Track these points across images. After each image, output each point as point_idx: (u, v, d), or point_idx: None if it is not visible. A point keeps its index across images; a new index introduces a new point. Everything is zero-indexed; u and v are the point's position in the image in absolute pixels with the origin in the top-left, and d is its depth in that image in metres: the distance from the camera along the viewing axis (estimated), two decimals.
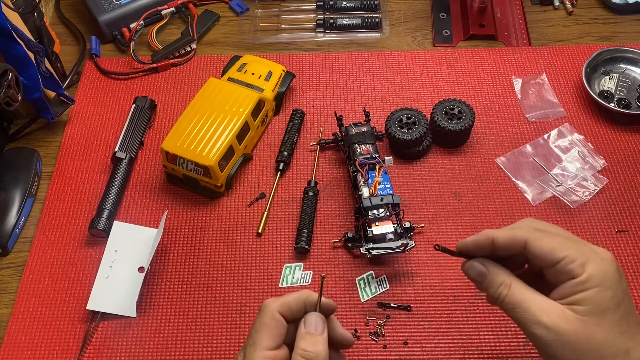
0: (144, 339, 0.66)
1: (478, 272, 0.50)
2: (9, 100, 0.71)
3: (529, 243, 0.48)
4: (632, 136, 0.81)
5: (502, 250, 0.49)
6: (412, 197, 0.76)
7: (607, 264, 0.46)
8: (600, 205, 0.74)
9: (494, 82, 0.87)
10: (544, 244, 0.47)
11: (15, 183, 0.75)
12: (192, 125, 0.74)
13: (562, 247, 0.46)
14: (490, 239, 0.49)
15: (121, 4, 0.92)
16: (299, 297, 0.49)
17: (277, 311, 0.48)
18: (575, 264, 0.45)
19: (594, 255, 0.46)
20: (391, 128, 0.77)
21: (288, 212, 0.75)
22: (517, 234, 0.48)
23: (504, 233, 0.49)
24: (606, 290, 0.45)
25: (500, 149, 0.80)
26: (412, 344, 0.65)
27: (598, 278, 0.45)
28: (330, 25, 0.93)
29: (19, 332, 0.67)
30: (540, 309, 0.46)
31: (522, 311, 0.46)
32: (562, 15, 0.96)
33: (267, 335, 0.47)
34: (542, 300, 0.46)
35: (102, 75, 0.89)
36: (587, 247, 0.47)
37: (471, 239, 0.51)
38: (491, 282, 0.49)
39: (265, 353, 0.46)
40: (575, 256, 0.46)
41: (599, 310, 0.44)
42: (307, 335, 0.47)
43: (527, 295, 0.47)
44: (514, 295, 0.47)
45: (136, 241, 0.72)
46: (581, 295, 0.45)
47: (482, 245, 0.50)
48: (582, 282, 0.45)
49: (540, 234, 0.48)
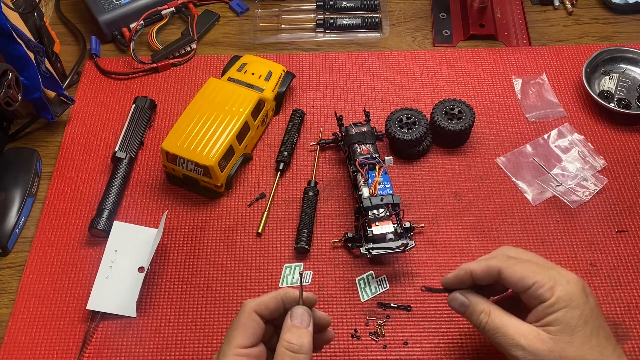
0: (144, 339, 0.66)
1: (460, 303, 0.55)
2: (9, 100, 0.71)
3: (502, 272, 0.52)
4: (632, 136, 0.81)
5: (480, 281, 0.54)
6: (412, 197, 0.76)
7: (572, 286, 0.50)
8: (600, 205, 0.74)
9: (494, 82, 0.87)
10: (515, 272, 0.52)
11: (15, 183, 0.75)
12: (192, 125, 0.74)
13: (532, 274, 0.51)
14: (469, 271, 0.54)
15: (121, 4, 0.92)
16: (276, 295, 0.51)
17: (254, 310, 0.50)
18: (544, 289, 0.50)
19: (560, 279, 0.51)
20: (391, 128, 0.77)
21: (288, 212, 0.75)
22: (491, 264, 0.53)
23: (480, 265, 0.54)
24: (573, 310, 0.49)
25: (500, 149, 0.80)
26: (412, 344, 0.65)
27: (565, 300, 0.49)
28: (330, 25, 0.93)
29: (19, 332, 0.67)
30: (517, 332, 0.50)
31: (502, 335, 0.51)
32: (562, 15, 0.96)
33: (241, 333, 0.49)
34: (519, 324, 0.51)
35: (102, 75, 0.89)
36: (555, 271, 0.52)
37: (452, 274, 0.56)
38: (473, 311, 0.54)
39: (238, 350, 0.49)
40: (544, 281, 0.50)
41: (568, 329, 0.49)
42: (292, 327, 0.50)
43: (505, 320, 0.52)
44: (493, 321, 0.52)
45: (136, 241, 0.72)
46: (552, 317, 0.50)
47: (463, 278, 0.55)
48: (551, 304, 0.50)
49: (512, 262, 0.53)
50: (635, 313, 0.66)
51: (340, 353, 0.65)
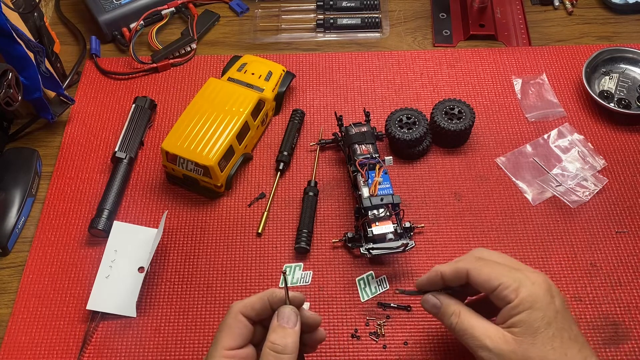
0: (144, 339, 0.66)
1: (432, 304, 0.56)
2: (9, 100, 0.71)
3: (470, 273, 0.53)
4: (632, 136, 0.81)
5: (450, 282, 0.55)
6: (412, 197, 0.76)
7: (537, 288, 0.51)
8: (600, 205, 0.74)
9: (494, 82, 0.87)
10: (481, 274, 0.53)
11: (15, 183, 0.75)
12: (192, 125, 0.74)
13: (498, 276, 0.52)
14: (439, 273, 0.55)
15: (121, 4, 0.92)
16: (262, 296, 0.52)
17: (240, 312, 0.51)
18: (509, 290, 0.51)
19: (525, 281, 0.51)
20: (391, 128, 0.77)
21: (288, 212, 0.75)
22: (460, 266, 0.54)
23: (449, 267, 0.55)
24: (536, 312, 0.50)
25: (500, 149, 0.80)
26: (412, 344, 0.65)
27: (529, 301, 0.50)
28: (330, 25, 0.93)
29: (19, 332, 0.67)
30: (484, 333, 0.51)
31: (469, 337, 0.52)
32: (562, 15, 0.96)
33: (227, 335, 0.50)
34: (486, 326, 0.52)
35: (102, 75, 0.89)
36: (521, 273, 0.52)
37: (425, 276, 0.57)
38: (444, 313, 0.55)
39: (225, 352, 0.49)
40: (509, 283, 0.51)
41: (531, 330, 0.50)
42: (278, 328, 0.50)
43: (473, 322, 0.53)
44: (462, 322, 0.53)
45: (136, 241, 0.72)
46: (516, 319, 0.50)
47: (434, 281, 0.56)
48: (515, 306, 0.50)
49: (480, 264, 0.53)
50: (635, 313, 0.66)
51: (340, 353, 0.65)
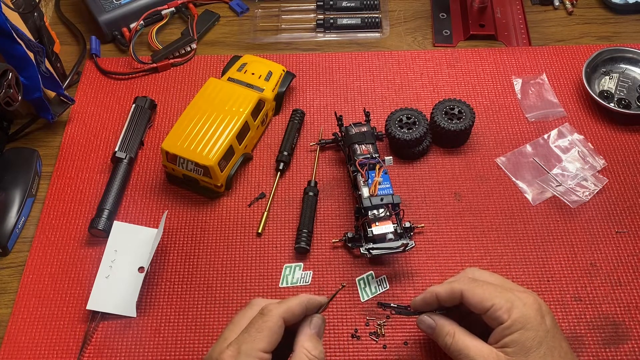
0: (144, 339, 0.66)
1: (427, 325, 0.57)
2: (9, 100, 0.71)
3: (464, 294, 0.54)
4: (632, 136, 0.81)
5: (445, 302, 0.56)
6: (412, 197, 0.76)
7: (528, 309, 0.52)
8: (600, 205, 0.74)
9: (494, 82, 0.87)
10: (475, 294, 0.54)
11: (15, 183, 0.75)
12: (192, 125, 0.74)
13: (490, 297, 0.53)
14: (434, 294, 0.56)
15: (121, 4, 0.92)
16: (301, 302, 0.52)
17: (282, 317, 0.50)
18: (502, 311, 0.52)
19: (517, 302, 0.53)
20: (391, 128, 0.77)
21: (288, 212, 0.75)
22: (455, 287, 0.55)
23: (444, 287, 0.56)
24: (528, 332, 0.52)
25: (500, 149, 0.80)
26: (412, 344, 0.65)
27: (521, 322, 0.52)
28: (330, 25, 0.93)
29: (19, 332, 0.67)
30: (478, 353, 0.53)
31: (464, 357, 0.53)
32: (562, 15, 0.96)
33: (267, 337, 0.49)
34: (480, 346, 0.53)
35: (102, 75, 0.89)
36: (513, 294, 0.53)
37: (420, 297, 0.58)
38: (439, 333, 0.56)
39: (261, 354, 0.48)
40: (501, 304, 0.52)
41: (524, 350, 0.51)
42: (313, 337, 0.51)
43: (468, 342, 0.54)
44: (457, 343, 0.54)
45: (136, 241, 0.72)
46: (508, 339, 0.52)
47: (429, 301, 0.57)
48: (508, 326, 0.52)
49: (473, 285, 0.54)
50: (635, 313, 0.66)
51: (340, 353, 0.65)
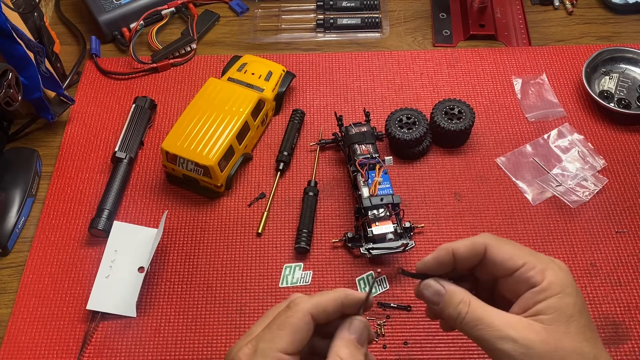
0: (144, 339, 0.66)
1: (435, 291, 0.47)
2: (9, 100, 0.71)
3: (489, 249, 0.46)
4: (632, 136, 0.81)
5: (463, 262, 0.47)
6: (412, 197, 0.76)
7: (565, 273, 0.45)
8: (600, 205, 0.74)
9: (494, 82, 0.87)
10: (504, 251, 0.46)
11: (15, 183, 0.75)
12: (192, 125, 0.74)
13: (521, 254, 0.46)
14: (450, 251, 0.47)
15: (121, 4, 0.92)
16: (336, 297, 0.44)
17: (310, 313, 0.43)
18: (535, 271, 0.44)
19: (551, 264, 0.45)
20: (391, 128, 0.77)
21: (288, 212, 0.75)
22: (477, 241, 0.47)
23: (464, 242, 0.47)
24: (568, 297, 0.44)
25: (500, 149, 0.80)
26: (412, 344, 0.65)
27: (558, 285, 0.44)
28: (330, 25, 0.93)
29: (19, 332, 0.67)
30: (504, 322, 0.43)
31: (485, 327, 0.43)
32: (562, 15, 0.96)
33: (290, 336, 0.42)
34: (504, 315, 0.44)
35: (102, 75, 0.89)
36: (544, 256, 0.46)
37: (431, 256, 0.48)
38: (449, 301, 0.46)
39: (281, 356, 0.41)
40: (535, 263, 0.45)
41: (564, 317, 0.43)
42: (350, 344, 0.43)
43: (489, 310, 0.44)
44: (474, 311, 0.44)
45: (136, 241, 0.72)
46: (545, 304, 0.43)
47: (443, 260, 0.47)
48: (543, 289, 0.44)
49: (501, 241, 0.47)
50: (635, 313, 0.66)
51: None
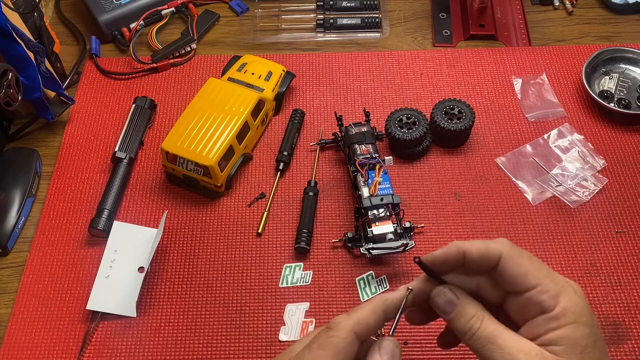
0: (144, 339, 0.66)
1: (448, 300, 0.44)
2: (9, 100, 0.71)
3: (504, 259, 0.42)
4: (632, 136, 0.81)
5: (472, 266, 0.44)
6: (412, 197, 0.76)
7: (580, 297, 0.41)
8: (600, 205, 0.74)
9: (494, 82, 0.87)
10: (520, 264, 0.42)
11: (15, 183, 0.75)
12: (192, 125, 0.74)
13: (537, 274, 0.42)
14: (462, 251, 0.43)
15: (121, 4, 0.92)
16: (375, 309, 0.42)
17: (354, 332, 0.41)
18: (548, 295, 0.41)
19: (567, 287, 0.41)
20: (391, 128, 0.77)
21: (288, 212, 0.75)
22: (492, 247, 0.42)
23: (478, 245, 0.43)
24: (583, 327, 0.40)
25: (500, 149, 0.80)
26: (412, 344, 0.65)
27: (573, 313, 0.40)
28: (330, 25, 0.93)
29: (19, 332, 0.67)
30: (516, 346, 0.40)
31: (497, 348, 0.40)
32: (562, 15, 0.96)
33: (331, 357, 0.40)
34: (517, 339, 0.41)
35: (102, 75, 0.89)
36: (561, 277, 0.42)
37: (441, 251, 0.44)
38: (461, 314, 0.43)
39: None
40: (549, 286, 0.41)
41: (578, 349, 0.40)
42: None
43: (502, 330, 0.41)
44: (486, 329, 0.41)
45: (136, 241, 0.72)
46: (557, 333, 0.40)
47: (451, 259, 0.44)
48: (556, 316, 0.40)
49: (516, 253, 0.42)
50: (635, 313, 0.66)
51: None
